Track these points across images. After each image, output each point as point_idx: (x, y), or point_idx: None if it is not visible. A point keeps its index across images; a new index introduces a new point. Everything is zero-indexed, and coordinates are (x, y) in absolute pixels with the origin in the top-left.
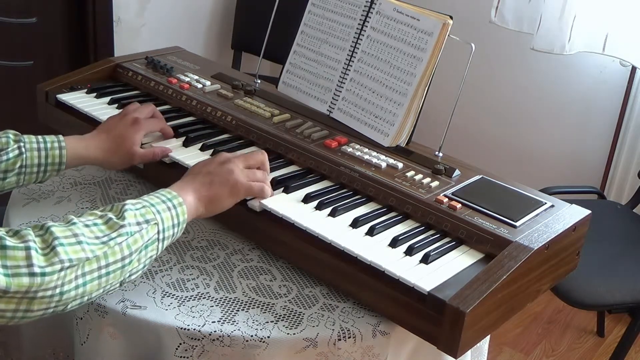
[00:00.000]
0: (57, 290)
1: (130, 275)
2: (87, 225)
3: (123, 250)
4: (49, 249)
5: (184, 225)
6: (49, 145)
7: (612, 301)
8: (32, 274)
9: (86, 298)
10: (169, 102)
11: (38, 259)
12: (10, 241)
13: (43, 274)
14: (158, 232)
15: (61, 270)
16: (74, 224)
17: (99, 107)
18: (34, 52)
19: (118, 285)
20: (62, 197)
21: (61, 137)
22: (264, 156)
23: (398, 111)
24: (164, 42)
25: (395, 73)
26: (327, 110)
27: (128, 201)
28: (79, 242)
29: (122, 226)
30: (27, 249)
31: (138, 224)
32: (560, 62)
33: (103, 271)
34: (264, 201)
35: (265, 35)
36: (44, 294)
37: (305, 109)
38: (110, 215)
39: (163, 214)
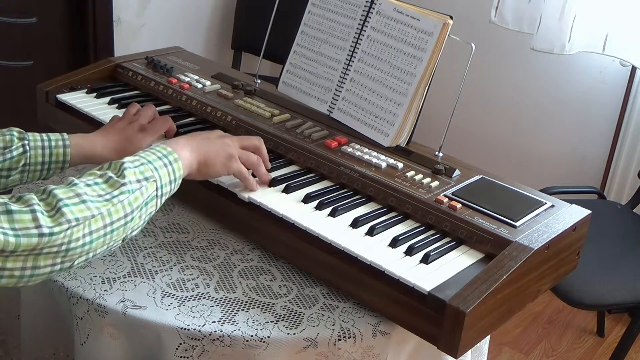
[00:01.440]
0: (63, 247)
1: (132, 232)
2: (88, 185)
3: (125, 207)
4: (54, 210)
5: (180, 181)
6: (53, 143)
7: (612, 301)
8: (41, 234)
9: (91, 254)
10: (169, 102)
11: (45, 220)
12: (15, 206)
13: (51, 234)
14: (157, 189)
15: (68, 229)
16: (76, 184)
17: (99, 107)
18: (34, 52)
19: (120, 241)
20: None
21: (66, 136)
22: (260, 142)
23: (398, 111)
24: (164, 42)
25: (395, 73)
26: (327, 110)
27: (126, 159)
28: (83, 201)
29: (123, 184)
30: (33, 211)
31: (138, 181)
32: (560, 62)
33: (108, 229)
34: (263, 200)
35: (265, 35)
36: (49, 250)
37: (305, 109)
38: (110, 174)
39: (160, 170)
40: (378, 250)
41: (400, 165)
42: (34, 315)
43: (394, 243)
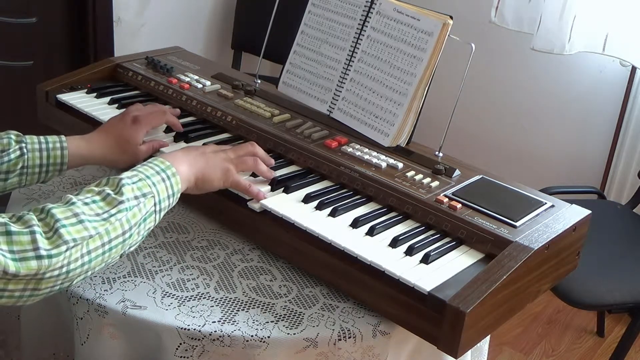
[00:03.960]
0: (64, 270)
1: (130, 248)
2: (86, 204)
3: (123, 225)
4: (52, 232)
5: (179, 195)
6: (50, 145)
7: (612, 301)
8: (39, 257)
9: (90, 273)
10: (169, 102)
11: (43, 242)
12: (14, 227)
13: (50, 256)
14: (155, 204)
15: (66, 250)
16: (73, 203)
17: (99, 107)
18: (34, 52)
19: (118, 257)
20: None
21: (63, 138)
22: (254, 147)
23: (398, 111)
24: (164, 42)
25: (395, 73)
26: (327, 110)
27: (124, 174)
28: (81, 222)
29: (121, 202)
30: (32, 233)
31: (136, 198)
32: (560, 62)
33: (106, 247)
34: (264, 201)
35: (265, 35)
36: (51, 274)
37: (305, 109)
38: (108, 190)
39: (158, 185)
40: (378, 250)
41: (400, 165)
42: (34, 315)
43: (394, 243)
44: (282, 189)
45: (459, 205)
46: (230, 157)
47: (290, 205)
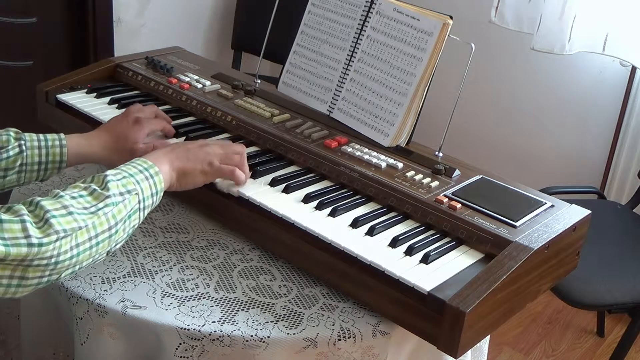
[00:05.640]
0: (53, 260)
1: (116, 245)
2: (73, 197)
3: (109, 220)
4: (43, 222)
5: (162, 194)
6: (49, 143)
7: (612, 301)
8: (30, 244)
9: (77, 267)
10: (169, 102)
11: (34, 231)
12: (4, 215)
13: (40, 244)
14: (139, 202)
15: (57, 240)
16: (61, 196)
17: (99, 107)
18: (34, 52)
19: (105, 254)
20: None
21: (62, 135)
22: (241, 148)
23: (398, 111)
24: (164, 42)
25: (395, 73)
26: (327, 110)
27: (108, 172)
28: (70, 213)
29: (107, 197)
30: (23, 221)
31: (121, 194)
32: (560, 62)
33: (94, 241)
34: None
35: (265, 35)
36: (39, 262)
37: (305, 109)
38: (94, 186)
39: (142, 183)
40: (378, 250)
41: (400, 165)
42: (34, 315)
43: (394, 243)
44: (282, 189)
45: (458, 205)
46: (216, 152)
47: (290, 205)
